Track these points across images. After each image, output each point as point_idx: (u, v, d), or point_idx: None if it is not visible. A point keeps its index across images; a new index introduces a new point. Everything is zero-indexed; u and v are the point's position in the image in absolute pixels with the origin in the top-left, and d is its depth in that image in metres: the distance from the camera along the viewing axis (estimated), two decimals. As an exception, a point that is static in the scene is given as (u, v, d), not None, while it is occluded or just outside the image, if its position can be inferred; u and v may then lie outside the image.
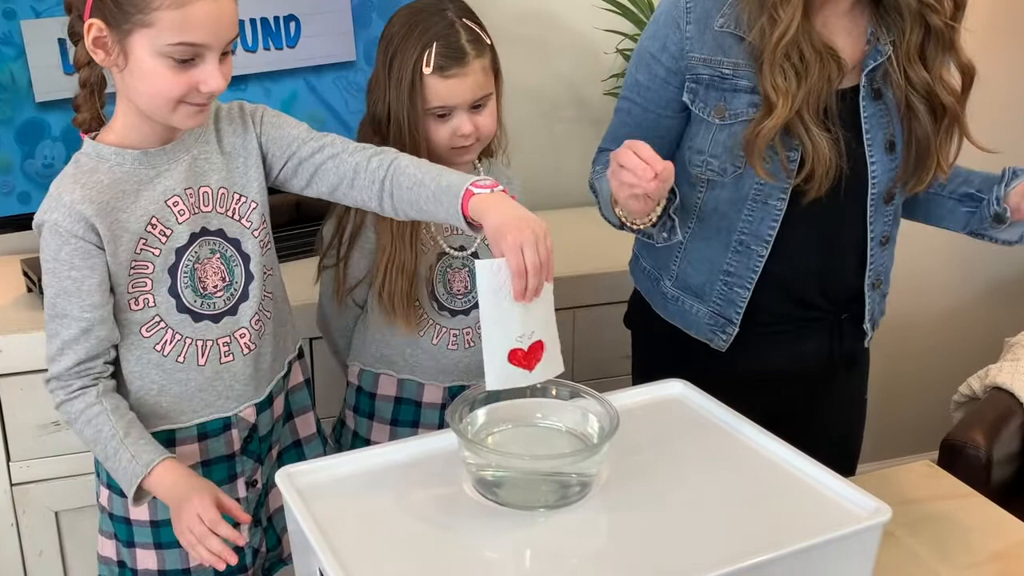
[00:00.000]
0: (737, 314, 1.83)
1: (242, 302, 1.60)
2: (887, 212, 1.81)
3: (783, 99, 1.64)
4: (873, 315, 1.90)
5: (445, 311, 1.87)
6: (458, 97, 1.76)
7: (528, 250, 1.32)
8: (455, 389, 1.91)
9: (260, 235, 1.61)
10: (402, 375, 1.91)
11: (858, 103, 1.73)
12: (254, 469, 1.69)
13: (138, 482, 1.49)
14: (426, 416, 1.93)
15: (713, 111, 1.72)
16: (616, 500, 1.34)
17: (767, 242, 1.77)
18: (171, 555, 1.65)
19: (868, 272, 1.84)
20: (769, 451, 1.44)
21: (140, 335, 1.55)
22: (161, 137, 1.52)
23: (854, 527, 1.27)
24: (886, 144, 1.75)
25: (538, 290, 1.34)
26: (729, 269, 1.81)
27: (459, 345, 1.89)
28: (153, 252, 1.52)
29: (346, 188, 1.57)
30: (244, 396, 1.64)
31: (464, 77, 1.75)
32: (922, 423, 3.34)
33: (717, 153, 1.73)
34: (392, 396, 1.93)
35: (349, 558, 1.20)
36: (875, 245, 1.82)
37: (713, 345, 1.87)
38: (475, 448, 1.34)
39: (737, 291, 1.82)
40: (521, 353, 1.34)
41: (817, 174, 1.68)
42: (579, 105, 2.93)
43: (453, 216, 1.45)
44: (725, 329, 1.85)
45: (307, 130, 1.61)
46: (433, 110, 1.77)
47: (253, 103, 1.63)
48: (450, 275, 1.87)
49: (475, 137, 1.80)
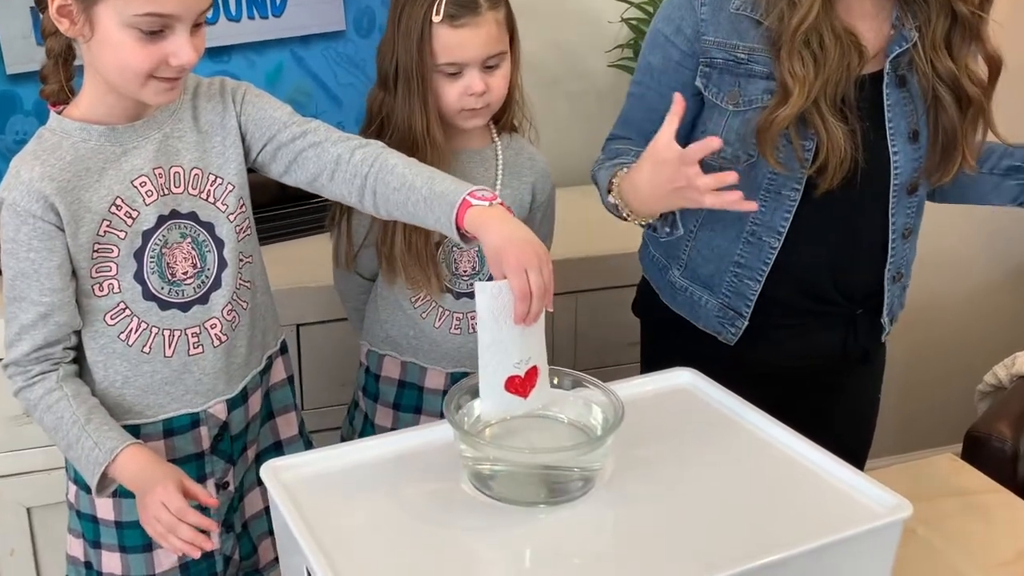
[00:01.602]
0: (747, 307, 1.83)
1: (214, 290, 1.59)
2: (910, 204, 1.81)
3: (800, 87, 1.64)
4: (892, 309, 1.90)
5: (449, 293, 1.87)
6: (470, 51, 1.74)
7: (532, 272, 1.33)
8: (457, 375, 1.91)
9: (236, 219, 1.60)
10: (405, 357, 1.92)
11: (881, 90, 1.73)
12: (225, 470, 1.69)
13: (101, 470, 1.49)
14: (428, 402, 1.94)
15: (727, 97, 1.73)
16: (621, 496, 1.34)
17: (780, 233, 1.77)
18: (135, 560, 1.64)
19: (889, 265, 1.84)
20: (783, 444, 1.44)
21: (104, 322, 1.54)
22: (130, 113, 1.51)
23: (872, 524, 1.27)
24: (909, 133, 1.75)
25: (538, 314, 1.34)
26: (740, 260, 1.82)
27: (462, 330, 1.89)
28: (118, 235, 1.51)
29: (325, 180, 1.56)
30: (214, 391, 1.63)
31: (476, 28, 1.73)
32: (944, 414, 3.34)
33: (730, 140, 1.73)
34: (396, 379, 1.94)
35: (338, 557, 1.19)
36: (897, 238, 1.82)
37: (721, 338, 1.88)
38: (472, 440, 1.33)
39: (747, 283, 1.82)
40: (518, 380, 1.35)
41: (830, 166, 1.68)
42: (581, 77, 2.92)
43: (445, 226, 1.44)
44: (734, 322, 1.85)
45: (290, 114, 1.60)
46: (443, 67, 1.75)
47: (236, 80, 1.62)
48: (456, 254, 1.86)
49: (486, 100, 1.78)
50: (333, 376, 2.08)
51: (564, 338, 2.43)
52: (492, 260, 1.37)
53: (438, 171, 1.52)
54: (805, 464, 1.40)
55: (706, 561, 1.20)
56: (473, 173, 1.84)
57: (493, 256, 1.37)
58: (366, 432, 1.98)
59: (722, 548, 1.23)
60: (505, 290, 1.33)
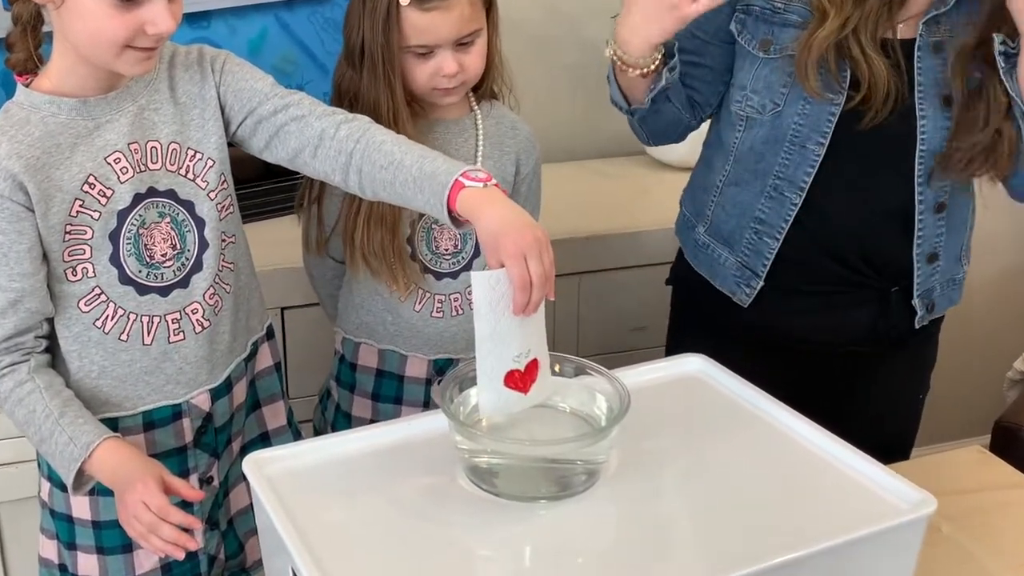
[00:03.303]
0: (763, 267, 1.86)
1: (195, 273, 1.59)
2: (943, 178, 1.82)
3: (836, 9, 1.69)
4: (928, 293, 1.91)
5: (429, 274, 1.87)
6: (440, 34, 1.73)
7: (532, 260, 1.31)
8: (440, 363, 1.91)
9: (217, 197, 1.59)
10: (383, 345, 1.92)
11: (913, 54, 1.75)
12: (209, 464, 1.69)
13: (77, 466, 1.48)
14: (409, 392, 1.94)
15: (759, 44, 1.78)
16: (626, 491, 1.34)
17: (801, 189, 1.80)
18: (114, 562, 1.64)
19: (918, 240, 1.84)
20: (800, 435, 1.44)
21: (78, 309, 1.53)
22: (103, 84, 1.50)
23: (894, 521, 1.27)
24: (941, 99, 1.77)
25: (538, 303, 1.33)
26: (761, 216, 1.85)
27: (444, 313, 1.89)
28: (91, 215, 1.50)
29: (308, 156, 1.55)
30: (196, 381, 1.63)
31: (447, 11, 1.72)
32: (972, 403, 3.34)
33: (758, 88, 1.80)
34: (373, 368, 1.94)
35: (326, 558, 1.19)
36: (926, 211, 1.83)
37: (736, 299, 1.91)
38: (468, 432, 1.33)
39: (766, 241, 1.85)
40: (518, 374, 1.34)
41: (875, 97, 1.72)
42: (582, 47, 2.90)
43: (435, 208, 1.43)
44: (750, 282, 1.88)
45: (272, 85, 1.59)
46: (412, 48, 1.75)
47: (216, 48, 1.61)
48: (436, 232, 1.85)
49: (460, 79, 1.78)
50: (320, 363, 2.08)
51: (566, 323, 2.42)
52: (488, 247, 1.36)
53: (429, 149, 1.51)
54: (823, 457, 1.40)
55: (716, 560, 1.20)
56: (451, 145, 1.83)
57: (489, 242, 1.35)
58: (339, 424, 1.99)
59: (733, 546, 1.23)
60: (503, 279, 1.31)
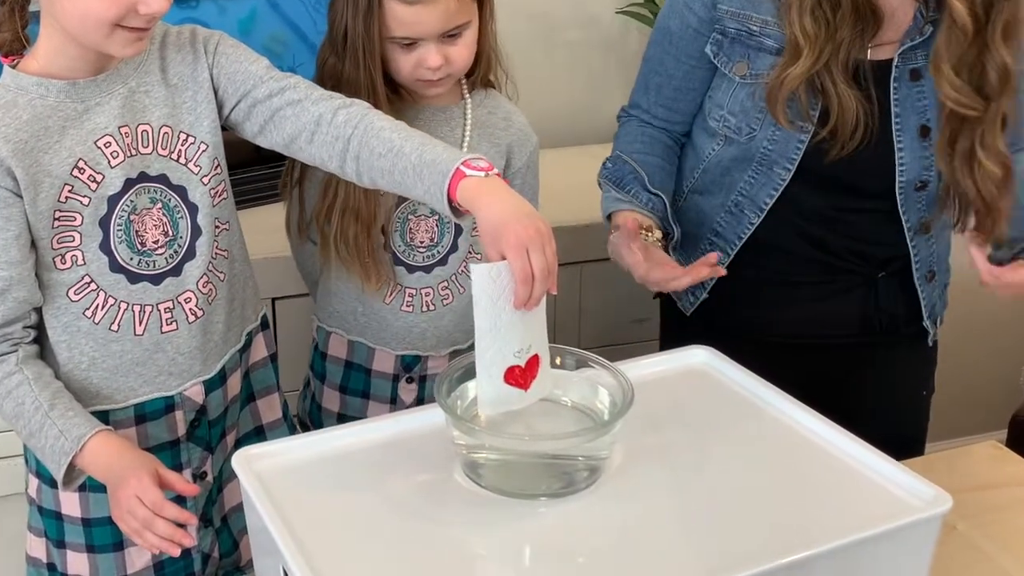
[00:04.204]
0: (709, 281, 1.89)
1: (188, 260, 1.59)
2: (920, 198, 1.86)
3: (810, 45, 1.71)
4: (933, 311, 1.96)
5: (402, 266, 1.87)
6: (424, 27, 1.73)
7: (534, 252, 1.31)
8: (408, 359, 1.92)
9: (211, 182, 1.59)
10: (352, 336, 1.93)
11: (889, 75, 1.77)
12: (203, 459, 1.69)
13: (68, 460, 1.48)
14: (376, 387, 1.95)
15: (735, 67, 1.82)
16: (630, 488, 1.34)
17: (760, 210, 1.86)
18: (104, 561, 1.65)
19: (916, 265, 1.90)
20: (809, 429, 1.44)
21: (67, 298, 1.53)
22: (93, 65, 1.50)
23: (908, 519, 1.26)
24: (918, 128, 1.80)
25: (540, 297, 1.33)
26: (717, 229, 1.91)
27: (415, 307, 1.89)
28: (81, 201, 1.50)
29: (304, 142, 1.55)
30: (190, 372, 1.63)
31: (432, 5, 1.71)
32: (987, 397, 3.34)
33: (735, 111, 1.84)
34: (343, 359, 1.95)
35: (318, 557, 1.19)
36: (915, 234, 1.89)
37: (680, 305, 1.97)
38: (466, 427, 1.33)
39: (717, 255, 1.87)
40: (518, 370, 1.34)
41: (841, 132, 1.74)
42: (586, 25, 2.90)
43: (435, 198, 1.43)
44: (695, 291, 1.94)
45: (267, 68, 1.59)
46: (396, 39, 1.74)
47: (208, 29, 1.61)
48: (411, 223, 1.85)
49: (445, 71, 1.77)
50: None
51: (567, 313, 2.42)
52: (488, 238, 1.36)
53: (430, 137, 1.50)
54: (833, 452, 1.40)
55: (723, 560, 1.19)
56: (436, 133, 1.81)
57: (490, 233, 1.35)
58: (313, 415, 2.01)
59: (741, 545, 1.23)
60: (504, 272, 1.31)
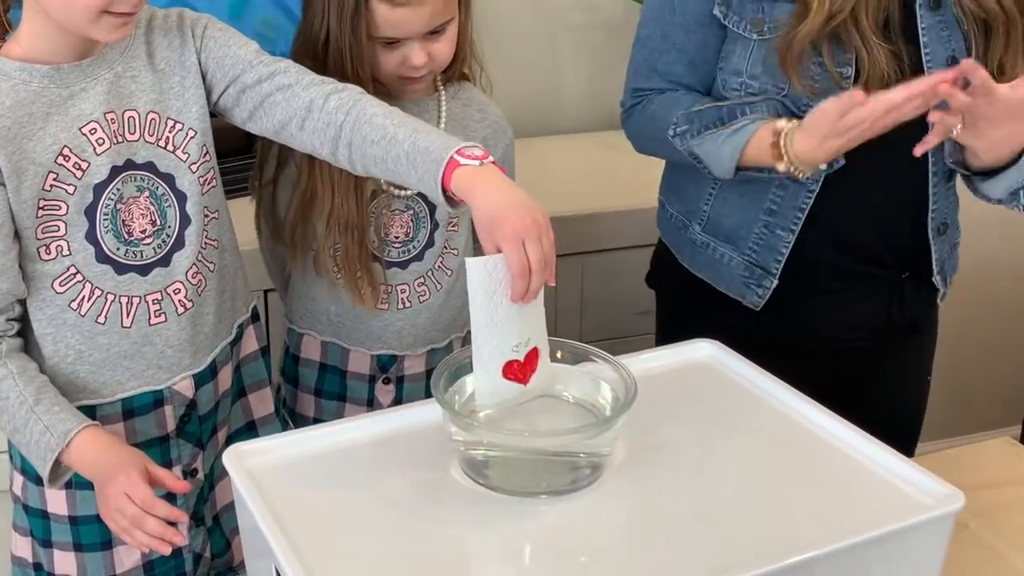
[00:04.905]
0: (777, 264, 1.83)
1: (176, 251, 1.59)
2: (949, 140, 1.80)
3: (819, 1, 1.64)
4: (943, 267, 1.91)
5: (377, 262, 1.86)
6: (410, 28, 1.74)
7: (531, 244, 1.31)
8: (384, 359, 1.93)
9: (199, 170, 1.59)
10: (325, 337, 1.93)
11: (915, 12, 1.73)
12: (193, 455, 1.69)
13: (54, 457, 1.48)
14: (352, 389, 1.95)
15: (750, 24, 1.73)
16: (633, 486, 1.34)
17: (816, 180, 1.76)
18: (93, 560, 1.65)
19: (931, 214, 1.84)
20: (817, 426, 1.44)
21: (52, 290, 1.53)
22: (77, 50, 1.49)
23: (920, 518, 1.26)
24: (947, 60, 1.75)
25: (537, 290, 1.33)
26: (772, 208, 1.81)
27: (391, 305, 1.89)
28: (66, 189, 1.50)
29: (295, 129, 1.55)
30: (179, 366, 1.63)
31: (420, 6, 1.72)
32: (1000, 392, 3.35)
33: (756, 73, 1.74)
34: (316, 361, 1.95)
35: (312, 557, 1.19)
36: (939, 181, 1.83)
37: (746, 302, 1.88)
38: (464, 423, 1.33)
39: (779, 234, 1.82)
40: (517, 365, 1.35)
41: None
42: (588, 8, 2.90)
43: (428, 186, 1.43)
44: (762, 282, 1.85)
45: (256, 52, 1.59)
46: (380, 38, 1.75)
47: (196, 12, 1.61)
48: (386, 218, 1.85)
49: (428, 68, 1.79)
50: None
51: (569, 306, 2.42)
52: (483, 230, 1.36)
53: (423, 123, 1.51)
54: (842, 449, 1.40)
55: (728, 560, 1.19)
56: None
57: (485, 225, 1.35)
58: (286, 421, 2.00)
59: (747, 544, 1.22)
60: (500, 265, 1.31)
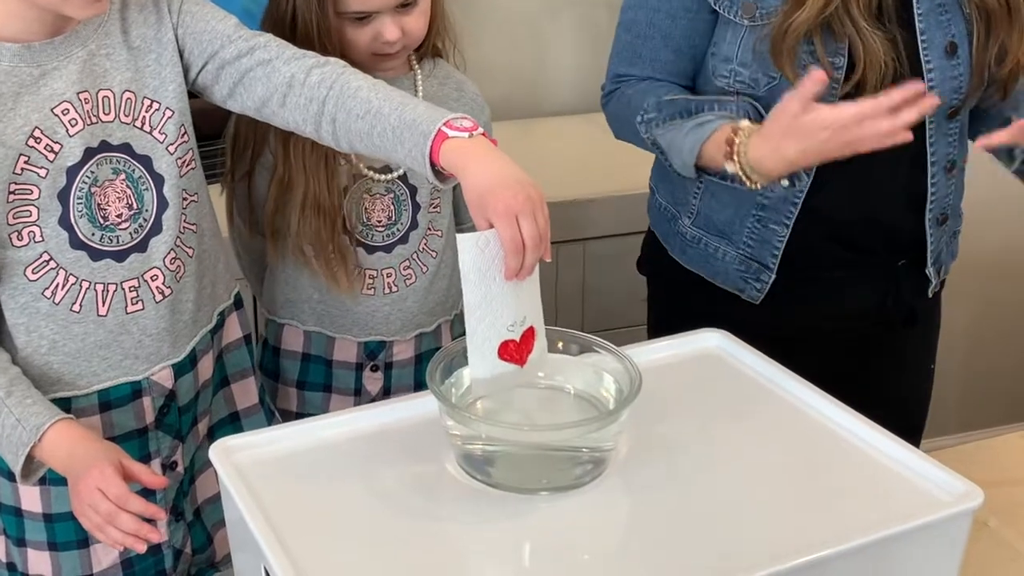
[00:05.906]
0: (774, 257, 1.84)
1: (154, 235, 1.58)
2: (951, 130, 1.82)
3: None
4: (939, 258, 1.91)
5: (361, 247, 1.87)
6: (379, 1, 1.74)
7: (525, 220, 1.31)
8: (372, 346, 1.93)
9: (177, 151, 1.59)
10: (308, 327, 1.93)
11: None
12: (173, 448, 1.69)
13: (26, 452, 1.48)
14: (338, 379, 1.96)
15: (741, 9, 1.73)
16: (637, 481, 1.34)
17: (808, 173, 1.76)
18: (68, 559, 1.64)
19: (930, 205, 1.84)
20: (829, 419, 1.44)
21: (25, 277, 1.53)
22: (49, 27, 1.49)
23: (937, 515, 1.26)
24: (946, 46, 1.76)
25: (532, 267, 1.34)
26: (763, 202, 1.82)
27: (376, 290, 1.90)
28: (37, 172, 1.49)
29: (276, 105, 1.56)
30: (158, 355, 1.63)
31: None
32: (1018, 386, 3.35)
33: (747, 61, 1.74)
34: (299, 352, 1.95)
35: (301, 554, 1.19)
36: (938, 171, 1.83)
37: (745, 296, 1.88)
38: (461, 416, 1.33)
39: (773, 228, 1.83)
40: (513, 345, 1.35)
41: (870, 82, 1.68)
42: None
43: (416, 161, 1.44)
44: (759, 276, 1.86)
45: (236, 26, 1.59)
46: (350, 14, 1.75)
47: None
48: (367, 202, 1.86)
49: (402, 43, 1.79)
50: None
51: (570, 294, 2.42)
52: (475, 205, 1.36)
53: (410, 96, 1.51)
54: (855, 443, 1.40)
55: (736, 559, 1.19)
56: None
57: (476, 200, 1.35)
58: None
59: (755, 543, 1.22)
60: (493, 242, 1.31)
